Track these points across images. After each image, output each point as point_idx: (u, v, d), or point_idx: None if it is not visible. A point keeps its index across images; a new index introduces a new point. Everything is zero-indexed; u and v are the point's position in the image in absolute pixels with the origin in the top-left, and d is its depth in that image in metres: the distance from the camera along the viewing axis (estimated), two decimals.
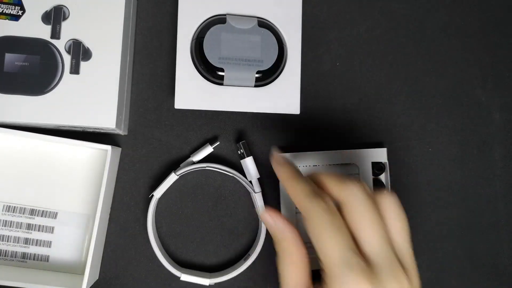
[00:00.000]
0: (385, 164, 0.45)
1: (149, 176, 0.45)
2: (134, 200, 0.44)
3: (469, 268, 0.47)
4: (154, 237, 0.43)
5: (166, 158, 0.45)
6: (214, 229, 0.45)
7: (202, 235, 0.45)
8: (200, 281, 0.42)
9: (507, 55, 0.49)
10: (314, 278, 0.33)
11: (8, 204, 0.42)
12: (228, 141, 0.46)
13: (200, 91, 0.42)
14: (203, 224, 0.45)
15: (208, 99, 0.42)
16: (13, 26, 0.39)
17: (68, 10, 0.40)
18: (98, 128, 0.41)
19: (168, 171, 0.44)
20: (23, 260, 0.42)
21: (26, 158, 0.42)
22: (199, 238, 0.45)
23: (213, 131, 0.46)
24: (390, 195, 0.31)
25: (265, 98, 0.43)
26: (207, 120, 0.46)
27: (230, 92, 0.42)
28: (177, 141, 0.45)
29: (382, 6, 0.48)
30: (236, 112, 0.46)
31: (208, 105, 0.42)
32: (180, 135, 0.45)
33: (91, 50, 0.40)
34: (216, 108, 0.42)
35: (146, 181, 0.45)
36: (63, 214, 0.42)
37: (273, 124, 0.46)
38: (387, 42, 0.48)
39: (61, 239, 0.42)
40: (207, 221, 0.45)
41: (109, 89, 0.40)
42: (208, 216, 0.45)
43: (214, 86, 0.42)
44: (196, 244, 0.45)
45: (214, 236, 0.45)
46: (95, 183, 0.43)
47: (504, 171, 0.48)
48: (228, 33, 0.42)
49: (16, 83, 0.39)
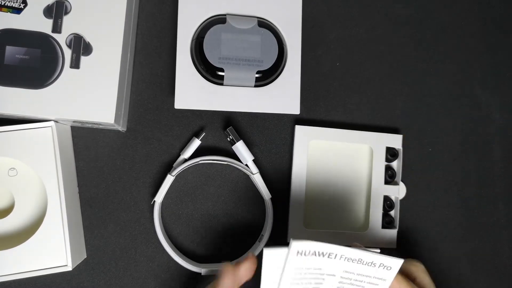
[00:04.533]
0: (398, 151, 0.45)
1: (149, 176, 0.45)
2: (134, 200, 0.44)
3: (469, 268, 0.47)
4: (166, 240, 0.43)
5: (166, 158, 0.45)
6: (222, 220, 0.45)
7: (212, 228, 0.45)
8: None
9: (507, 55, 0.49)
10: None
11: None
12: (216, 131, 0.46)
13: (200, 91, 0.42)
14: (210, 219, 0.45)
15: (208, 99, 0.42)
16: (14, 19, 0.39)
17: (70, 4, 0.40)
18: (97, 123, 0.41)
19: (168, 171, 0.45)
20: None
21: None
22: (210, 231, 0.45)
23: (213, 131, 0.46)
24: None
25: (265, 98, 0.43)
26: (207, 120, 0.46)
27: (230, 92, 0.42)
28: (177, 141, 0.45)
29: (382, 6, 0.48)
30: (236, 112, 0.46)
31: (208, 105, 0.42)
32: (180, 135, 0.45)
33: (92, 45, 0.40)
34: (216, 108, 0.42)
35: (146, 181, 0.45)
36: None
37: (273, 124, 0.46)
38: (387, 42, 0.48)
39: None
40: (214, 217, 0.45)
41: (109, 85, 0.40)
42: (213, 210, 0.45)
43: (214, 86, 0.42)
44: (208, 237, 0.45)
45: (224, 226, 0.45)
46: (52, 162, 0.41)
47: (504, 171, 0.48)
48: (228, 33, 0.42)
49: (16, 76, 0.39)
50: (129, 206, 0.44)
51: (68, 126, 0.44)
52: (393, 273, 0.33)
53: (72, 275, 0.43)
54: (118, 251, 0.44)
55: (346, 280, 0.33)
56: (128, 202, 0.44)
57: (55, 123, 0.40)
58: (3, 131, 0.40)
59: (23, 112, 0.39)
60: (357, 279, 0.33)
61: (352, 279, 0.33)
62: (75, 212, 0.42)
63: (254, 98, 0.42)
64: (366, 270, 0.33)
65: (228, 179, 0.45)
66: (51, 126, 0.40)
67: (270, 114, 0.46)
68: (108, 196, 0.44)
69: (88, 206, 0.44)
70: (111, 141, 0.45)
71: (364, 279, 0.33)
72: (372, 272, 0.33)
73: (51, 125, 0.40)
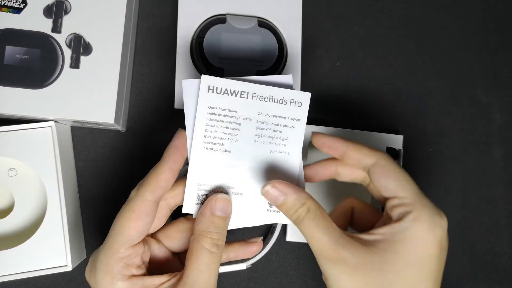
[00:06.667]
0: (399, 151, 0.45)
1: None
2: None
3: (469, 268, 0.47)
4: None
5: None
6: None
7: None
8: (237, 267, 0.42)
9: (507, 55, 0.49)
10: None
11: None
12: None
13: None
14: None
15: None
16: (14, 19, 0.39)
17: (69, 4, 0.40)
18: (97, 123, 0.41)
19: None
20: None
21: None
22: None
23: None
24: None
25: None
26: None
27: None
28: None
29: (382, 6, 0.48)
30: None
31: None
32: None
33: (92, 45, 0.40)
34: None
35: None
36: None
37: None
38: (387, 42, 0.48)
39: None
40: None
41: (109, 84, 0.40)
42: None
43: None
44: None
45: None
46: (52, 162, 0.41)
47: (504, 171, 0.48)
48: (228, 33, 0.42)
49: (16, 76, 0.39)
50: None
51: (68, 126, 0.44)
52: (304, 109, 0.34)
53: (72, 275, 0.43)
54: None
55: (262, 125, 0.34)
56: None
57: (55, 123, 0.40)
58: (3, 131, 0.40)
59: (23, 112, 0.39)
60: (273, 123, 0.34)
61: (268, 123, 0.34)
62: (75, 212, 0.42)
63: None
64: (279, 110, 0.34)
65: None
66: (51, 126, 0.40)
67: None
68: (108, 196, 0.44)
69: (88, 206, 0.44)
70: (111, 141, 0.45)
71: (280, 122, 0.34)
72: (285, 112, 0.34)
73: (51, 125, 0.40)
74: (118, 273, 0.31)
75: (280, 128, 0.34)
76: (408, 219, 0.31)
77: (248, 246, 0.37)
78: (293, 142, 0.34)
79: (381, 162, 0.33)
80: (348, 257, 0.30)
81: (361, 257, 0.30)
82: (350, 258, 0.30)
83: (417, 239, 0.31)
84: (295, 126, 0.34)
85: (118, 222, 0.32)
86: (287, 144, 0.34)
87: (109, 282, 0.31)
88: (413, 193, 0.32)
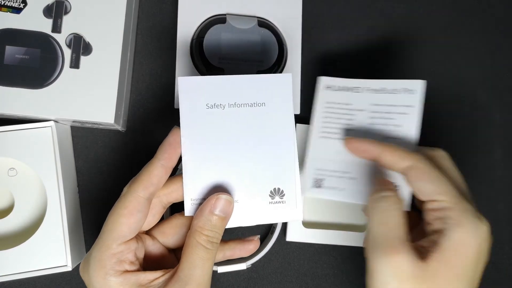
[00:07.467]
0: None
1: None
2: None
3: None
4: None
5: None
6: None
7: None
8: (237, 267, 0.42)
9: (507, 55, 0.49)
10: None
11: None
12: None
13: None
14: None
15: None
16: (14, 19, 0.39)
17: (69, 4, 0.40)
18: (96, 123, 0.41)
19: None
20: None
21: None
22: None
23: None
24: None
25: None
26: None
27: None
28: None
29: (382, 7, 0.48)
30: None
31: None
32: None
33: (92, 45, 0.40)
34: None
35: None
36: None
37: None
38: (387, 42, 0.48)
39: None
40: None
41: (109, 84, 0.40)
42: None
43: None
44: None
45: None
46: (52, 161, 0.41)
47: (504, 171, 0.48)
48: (228, 33, 0.42)
49: (16, 76, 0.39)
50: None
51: (67, 126, 0.44)
52: (418, 96, 0.36)
53: (72, 275, 0.43)
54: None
55: (376, 114, 0.36)
56: None
57: (54, 123, 0.40)
58: (3, 131, 0.40)
59: (23, 112, 0.39)
60: (386, 111, 0.36)
61: (381, 112, 0.36)
62: (75, 212, 0.42)
63: None
64: (392, 99, 0.36)
65: None
66: (50, 126, 0.40)
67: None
68: (108, 196, 0.44)
69: (88, 206, 0.44)
70: (111, 141, 0.45)
71: (392, 110, 0.36)
72: (398, 100, 0.36)
73: (50, 125, 0.40)
74: (111, 269, 0.31)
75: (393, 115, 0.36)
76: (448, 225, 0.31)
77: (244, 244, 0.38)
78: (407, 127, 0.36)
79: (418, 165, 0.33)
80: (406, 262, 0.30)
81: (419, 267, 0.30)
82: (407, 264, 0.30)
83: (460, 245, 0.31)
84: (409, 113, 0.36)
85: (110, 219, 0.33)
86: (401, 130, 0.36)
87: (102, 278, 0.31)
88: (452, 196, 0.32)
